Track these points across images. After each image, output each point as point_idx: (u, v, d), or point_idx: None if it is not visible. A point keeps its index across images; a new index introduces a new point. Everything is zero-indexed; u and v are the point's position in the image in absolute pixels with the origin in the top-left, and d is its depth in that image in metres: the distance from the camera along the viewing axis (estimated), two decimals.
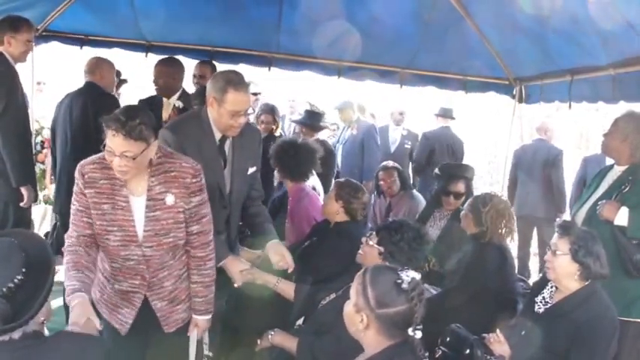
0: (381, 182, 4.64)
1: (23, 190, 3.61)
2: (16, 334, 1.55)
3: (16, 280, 1.55)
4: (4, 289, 1.53)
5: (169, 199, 2.26)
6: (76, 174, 2.26)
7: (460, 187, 4.05)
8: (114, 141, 2.10)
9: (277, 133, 5.00)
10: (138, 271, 2.33)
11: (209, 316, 2.50)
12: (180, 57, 4.44)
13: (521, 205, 5.78)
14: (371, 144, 6.25)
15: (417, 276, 1.74)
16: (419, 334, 1.72)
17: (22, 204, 3.64)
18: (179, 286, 2.43)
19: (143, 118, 2.11)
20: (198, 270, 2.41)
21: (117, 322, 2.40)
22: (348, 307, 1.79)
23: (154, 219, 2.26)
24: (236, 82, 2.60)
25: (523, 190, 5.86)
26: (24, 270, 1.56)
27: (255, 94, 6.28)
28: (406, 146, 6.52)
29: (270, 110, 5.04)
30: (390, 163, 4.86)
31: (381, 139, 6.39)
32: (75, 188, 2.28)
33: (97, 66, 4.09)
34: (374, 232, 2.58)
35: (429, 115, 6.67)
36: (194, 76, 4.50)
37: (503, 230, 3.26)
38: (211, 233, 2.42)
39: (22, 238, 1.70)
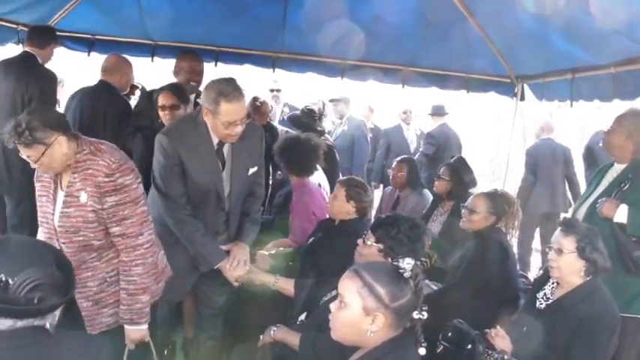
0: (392, 173, 4.71)
1: None
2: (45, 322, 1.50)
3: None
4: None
5: (83, 197, 2.21)
6: None
7: (443, 171, 4.18)
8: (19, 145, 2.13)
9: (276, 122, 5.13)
10: None
11: (138, 327, 2.35)
12: None
13: (541, 202, 5.83)
14: (361, 140, 6.35)
15: (412, 261, 1.73)
16: (425, 315, 1.70)
17: None
18: (106, 289, 2.34)
19: (31, 123, 2.08)
20: (123, 275, 2.31)
21: None
22: (349, 315, 1.70)
23: (65, 215, 2.24)
24: (228, 93, 2.54)
25: (543, 188, 5.87)
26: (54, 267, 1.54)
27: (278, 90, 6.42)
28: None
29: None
30: (406, 156, 4.98)
31: (399, 140, 6.49)
32: None
33: (117, 66, 4.12)
34: (369, 232, 2.54)
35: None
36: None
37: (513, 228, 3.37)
38: (141, 237, 2.29)
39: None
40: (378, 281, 1.68)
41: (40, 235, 2.37)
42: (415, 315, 1.69)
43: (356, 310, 1.68)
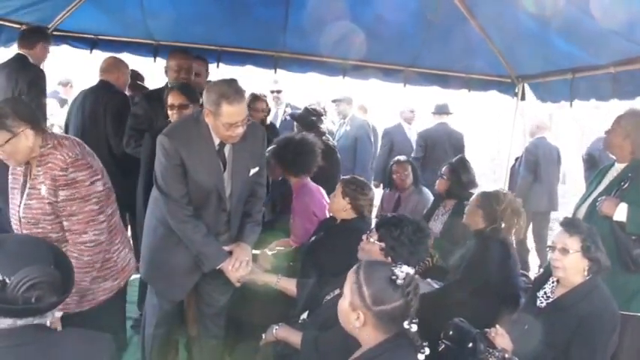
0: (395, 175, 4.66)
1: None
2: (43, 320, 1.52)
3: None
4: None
5: (43, 190, 2.29)
6: None
7: (444, 170, 4.22)
8: None
9: (267, 122, 5.00)
10: None
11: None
12: None
13: (538, 200, 5.86)
14: (364, 140, 6.33)
15: (411, 271, 1.75)
16: (414, 328, 1.72)
17: None
18: None
19: (3, 109, 2.21)
20: None
21: None
22: (343, 305, 1.79)
23: (27, 207, 2.33)
24: (229, 94, 2.53)
25: (541, 186, 5.91)
26: (53, 266, 1.55)
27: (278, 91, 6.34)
28: None
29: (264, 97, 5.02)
30: (404, 157, 4.88)
31: (401, 139, 6.49)
32: None
33: (115, 66, 4.29)
34: (373, 229, 2.56)
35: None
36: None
37: (519, 228, 3.31)
38: (85, 236, 2.34)
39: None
40: (368, 282, 1.74)
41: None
42: (405, 325, 1.72)
43: (346, 303, 1.78)
